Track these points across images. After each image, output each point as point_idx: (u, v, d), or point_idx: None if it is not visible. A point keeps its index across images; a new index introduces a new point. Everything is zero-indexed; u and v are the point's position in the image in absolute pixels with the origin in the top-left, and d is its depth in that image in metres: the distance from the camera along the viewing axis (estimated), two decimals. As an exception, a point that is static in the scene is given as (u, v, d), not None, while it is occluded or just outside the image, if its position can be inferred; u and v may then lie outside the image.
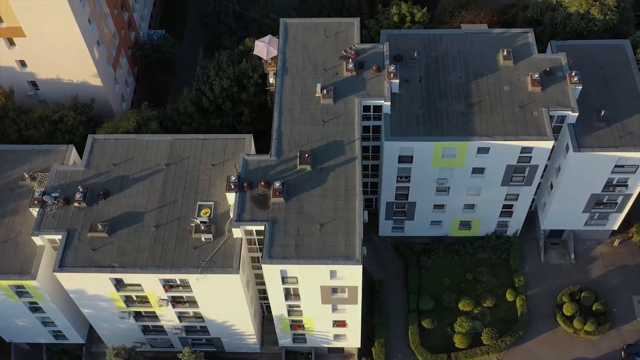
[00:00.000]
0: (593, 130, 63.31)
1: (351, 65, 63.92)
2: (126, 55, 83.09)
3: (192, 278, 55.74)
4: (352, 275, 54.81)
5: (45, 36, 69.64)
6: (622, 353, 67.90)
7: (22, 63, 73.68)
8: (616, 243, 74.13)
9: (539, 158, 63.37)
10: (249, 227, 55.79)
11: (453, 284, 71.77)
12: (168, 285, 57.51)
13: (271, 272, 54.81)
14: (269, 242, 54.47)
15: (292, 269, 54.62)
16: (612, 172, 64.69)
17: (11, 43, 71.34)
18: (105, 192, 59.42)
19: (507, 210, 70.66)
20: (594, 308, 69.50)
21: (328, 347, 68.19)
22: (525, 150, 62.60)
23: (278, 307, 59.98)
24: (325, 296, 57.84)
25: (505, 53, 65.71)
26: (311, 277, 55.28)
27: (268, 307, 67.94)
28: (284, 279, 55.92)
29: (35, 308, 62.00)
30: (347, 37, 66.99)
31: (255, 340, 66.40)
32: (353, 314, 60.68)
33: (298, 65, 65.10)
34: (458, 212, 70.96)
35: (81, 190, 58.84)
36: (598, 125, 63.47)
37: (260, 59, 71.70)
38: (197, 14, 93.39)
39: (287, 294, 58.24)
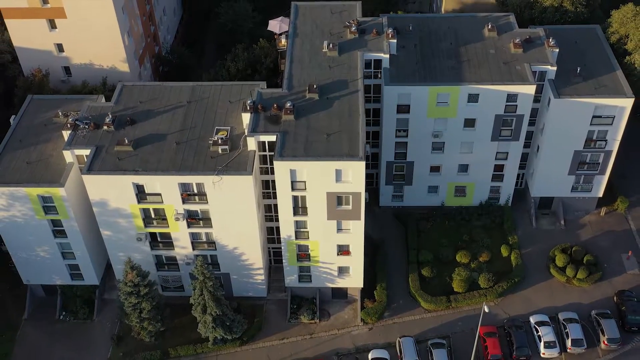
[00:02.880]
0: (571, 84, 70.66)
1: (354, 29, 72.67)
2: (150, 62, 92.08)
3: (208, 181, 60.67)
4: (356, 176, 59.79)
5: (84, 18, 78.65)
6: (615, 298, 70.55)
7: (60, 47, 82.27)
8: (603, 213, 78.77)
9: (524, 106, 70.06)
10: (262, 138, 61.73)
11: (450, 244, 75.59)
12: (186, 193, 62.12)
13: (282, 172, 59.84)
14: (280, 146, 60.29)
15: (301, 170, 59.77)
16: (591, 124, 71.14)
17: (52, 26, 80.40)
18: (132, 120, 65.85)
19: (498, 174, 76.16)
20: (584, 260, 73.01)
21: (332, 289, 70.76)
22: (510, 98, 69.52)
23: (286, 225, 64.05)
24: (331, 208, 62.27)
25: (489, 26, 74.73)
26: (318, 179, 60.19)
27: (275, 253, 71.94)
28: (293, 184, 60.80)
29: (57, 231, 65.91)
30: (350, 14, 76.34)
31: (263, 278, 69.44)
32: (356, 235, 64.58)
33: (307, 31, 73.88)
34: (453, 176, 76.37)
35: (110, 116, 65.39)
36: (575, 80, 70.85)
37: (272, 36, 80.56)
38: (214, 47, 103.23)
39: (296, 207, 62.69)
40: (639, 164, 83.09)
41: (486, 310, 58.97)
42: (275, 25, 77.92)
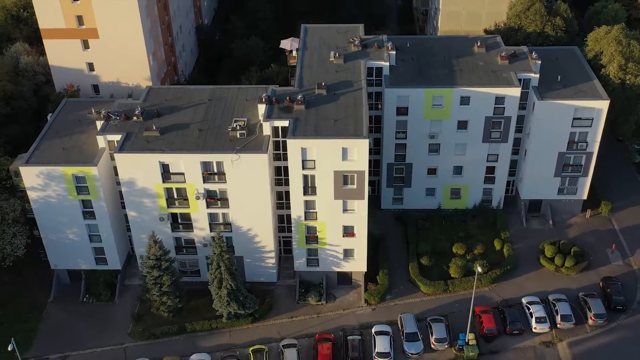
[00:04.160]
0: (553, 90, 78.74)
1: (357, 43, 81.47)
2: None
3: (227, 160, 67.42)
4: (360, 154, 66.67)
5: (114, 38, 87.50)
6: (601, 283, 75.83)
7: (90, 66, 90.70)
8: (588, 215, 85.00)
9: (511, 108, 77.71)
10: (276, 123, 69.06)
11: (447, 239, 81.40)
12: (206, 172, 68.69)
13: (294, 150, 66.74)
14: (292, 128, 67.62)
15: (311, 148, 66.73)
16: (572, 126, 78.58)
17: (85, 46, 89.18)
18: (159, 113, 73.39)
19: (490, 176, 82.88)
20: (572, 252, 78.65)
21: (338, 275, 75.97)
22: (499, 100, 77.29)
23: (297, 205, 70.26)
24: (338, 187, 68.72)
25: (479, 44, 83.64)
26: (326, 157, 66.99)
27: (285, 243, 77.69)
28: (303, 163, 67.55)
29: (87, 212, 71.96)
30: (354, 33, 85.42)
31: (274, 262, 74.92)
32: (360, 215, 70.68)
33: (316, 46, 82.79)
34: (449, 177, 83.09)
35: (139, 108, 72.98)
36: (557, 87, 79.02)
37: (284, 54, 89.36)
38: (228, 79, 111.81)
39: (305, 186, 69.15)
40: (620, 172, 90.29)
41: (479, 270, 64.35)
42: (287, 43, 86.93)
